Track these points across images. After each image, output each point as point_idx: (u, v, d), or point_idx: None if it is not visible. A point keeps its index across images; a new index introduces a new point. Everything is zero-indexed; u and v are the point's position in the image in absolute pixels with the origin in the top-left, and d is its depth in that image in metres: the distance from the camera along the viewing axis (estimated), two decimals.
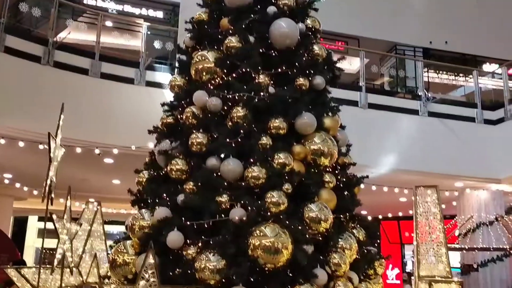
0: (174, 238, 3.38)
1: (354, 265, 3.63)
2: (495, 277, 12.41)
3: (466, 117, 12.63)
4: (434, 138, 11.85)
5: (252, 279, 3.19)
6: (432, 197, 3.69)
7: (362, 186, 4.40)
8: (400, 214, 17.72)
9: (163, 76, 9.55)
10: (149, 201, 3.88)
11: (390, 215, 18.32)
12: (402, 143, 11.50)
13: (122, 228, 16.81)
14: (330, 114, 4.17)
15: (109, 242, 4.33)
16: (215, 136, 3.77)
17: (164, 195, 3.74)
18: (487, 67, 17.87)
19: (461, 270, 13.36)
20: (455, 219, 13.55)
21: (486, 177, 12.21)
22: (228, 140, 3.69)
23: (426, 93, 12.41)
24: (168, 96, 4.48)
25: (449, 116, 12.36)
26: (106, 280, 3.87)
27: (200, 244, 3.41)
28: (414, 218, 3.70)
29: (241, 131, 3.69)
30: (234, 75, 3.94)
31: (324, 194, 3.69)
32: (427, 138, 11.83)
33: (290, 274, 3.33)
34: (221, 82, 4.00)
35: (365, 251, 3.83)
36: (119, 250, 3.66)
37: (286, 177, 3.56)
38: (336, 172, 4.08)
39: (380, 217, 18.48)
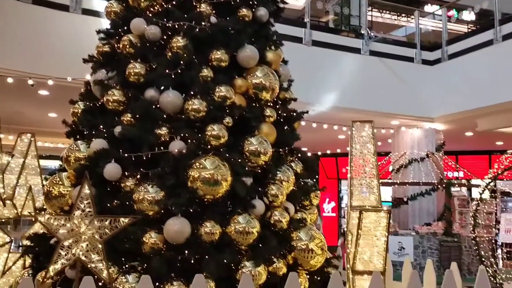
0: (112, 169, 3.33)
1: (291, 196, 3.74)
2: (423, 209, 13.30)
3: (406, 57, 12.94)
4: (374, 77, 12.13)
5: (191, 210, 3.23)
6: (368, 132, 3.81)
7: (303, 123, 4.46)
8: (339, 150, 18.33)
9: (100, 3, 9.03)
10: (85, 132, 3.76)
11: (328, 151, 18.93)
12: (343, 81, 11.70)
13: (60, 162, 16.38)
14: (273, 48, 4.11)
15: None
16: (154, 66, 3.64)
17: (101, 126, 3.63)
18: (428, 8, 18.18)
19: (392, 203, 14.20)
20: (389, 155, 14.20)
21: (420, 116, 12.77)
22: (167, 71, 3.58)
23: (369, 32, 12.53)
24: (105, 25, 4.24)
25: (389, 55, 12.61)
26: (42, 213, 3.79)
27: (138, 176, 3.38)
28: (350, 152, 3.82)
29: (181, 62, 3.59)
30: (174, 2, 3.78)
31: (264, 128, 3.72)
32: (368, 76, 12.08)
33: (229, 205, 3.41)
34: (160, 9, 3.83)
35: (302, 183, 3.95)
36: (55, 182, 3.57)
37: (227, 111, 3.54)
38: (277, 106, 4.10)
39: (319, 153, 19.05)
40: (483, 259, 10.22)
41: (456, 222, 12.72)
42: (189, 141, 3.37)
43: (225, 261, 3.13)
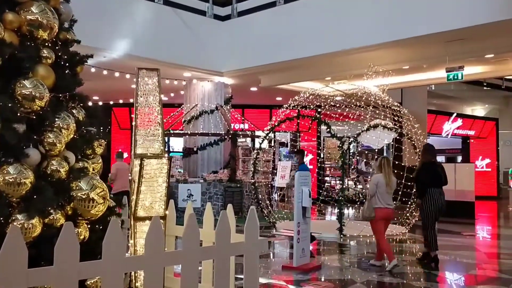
0: None
1: (71, 145, 3.54)
2: (211, 158, 14.08)
3: (199, 10, 13.16)
4: (167, 27, 12.09)
5: None
6: (153, 80, 3.80)
7: (92, 69, 4.24)
8: (132, 100, 17.97)
9: None
10: None
11: (121, 101, 18.43)
12: (136, 28, 11.39)
13: None
14: None
15: None
16: None
17: None
18: None
19: (183, 153, 14.67)
20: (181, 107, 14.52)
21: (211, 69, 13.28)
22: None
23: None
24: None
25: (183, 7, 12.66)
26: None
27: None
28: (135, 100, 3.77)
29: None
30: None
31: (40, 70, 3.40)
32: (161, 26, 11.99)
33: (0, 154, 3.07)
34: None
35: (84, 131, 3.77)
36: None
37: None
38: (57, 48, 3.77)
39: (111, 103, 18.41)
40: (260, 201, 11.39)
41: (239, 170, 13.83)
42: None
43: None
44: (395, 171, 8.83)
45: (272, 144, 14.67)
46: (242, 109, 18.58)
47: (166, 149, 3.74)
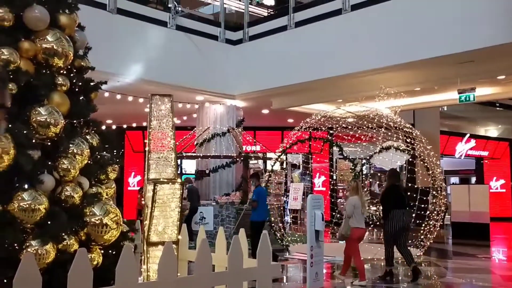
0: None
1: (85, 170, 3.58)
2: (223, 180, 14.08)
3: (211, 34, 13.35)
4: (179, 52, 12.25)
5: None
6: (167, 106, 3.84)
7: (106, 94, 4.31)
8: (145, 124, 18.12)
9: None
10: None
11: (134, 124, 18.60)
12: (149, 53, 11.56)
13: None
14: (67, 11, 3.83)
15: None
16: None
17: None
18: None
19: (195, 175, 14.70)
20: (194, 129, 14.62)
21: (223, 93, 13.39)
22: None
23: (176, 5, 12.55)
24: None
25: (195, 32, 12.85)
26: None
27: None
28: (148, 125, 3.82)
29: None
30: None
31: (55, 97, 3.46)
32: (174, 51, 12.16)
33: (14, 181, 3.11)
34: None
35: (98, 156, 3.81)
36: None
37: (11, 76, 3.19)
38: (72, 75, 3.84)
39: (125, 126, 18.59)
40: (273, 224, 11.32)
41: (251, 192, 13.77)
42: None
43: (6, 241, 2.86)
44: (409, 194, 8.77)
45: (284, 166, 14.64)
46: (254, 131, 18.64)
47: (178, 173, 3.76)
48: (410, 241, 9.63)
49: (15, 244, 2.95)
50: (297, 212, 15.40)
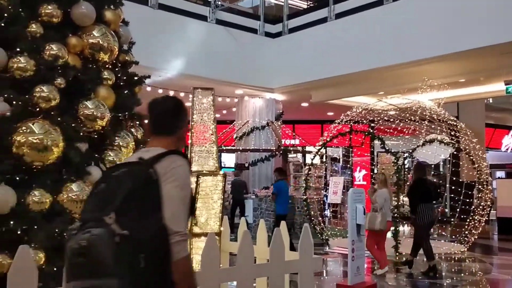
0: None
1: None
2: (262, 174, 14.11)
3: (250, 28, 13.35)
4: (219, 46, 12.30)
5: (17, 178, 2.98)
6: (208, 99, 3.88)
7: (148, 89, 4.38)
8: None
9: None
10: None
11: None
12: (189, 48, 11.66)
13: None
14: (112, 7, 3.91)
15: None
16: None
17: None
18: None
19: (235, 169, 14.78)
20: (233, 123, 14.69)
21: (262, 86, 13.37)
22: None
23: (216, 0, 12.61)
24: None
25: (235, 25, 12.87)
26: None
27: None
28: (191, 118, 3.86)
29: (5, 14, 3.22)
30: None
31: (101, 91, 3.55)
32: (213, 45, 12.21)
33: (63, 172, 3.21)
34: None
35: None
36: None
37: (59, 71, 3.29)
38: (117, 69, 3.93)
39: None
40: (313, 218, 11.27)
41: (291, 186, 13.75)
42: (14, 102, 3.07)
43: (56, 230, 2.97)
44: (453, 187, 8.57)
45: (324, 160, 14.52)
46: (293, 125, 18.55)
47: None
48: (454, 237, 9.42)
49: (65, 234, 3.05)
50: (337, 206, 15.25)
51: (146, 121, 4.13)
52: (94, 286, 1.64)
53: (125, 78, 4.01)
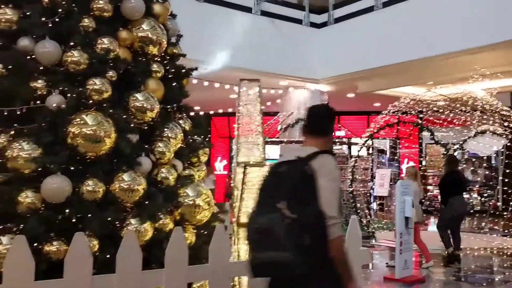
0: None
1: (179, 153, 3.73)
2: None
3: (295, 18, 13.24)
4: (264, 37, 12.28)
5: (72, 168, 3.09)
6: (255, 91, 3.89)
7: (194, 81, 4.45)
8: (230, 110, 18.45)
9: None
10: None
11: (221, 111, 19.01)
12: (234, 40, 11.69)
13: None
14: (160, 0, 3.97)
15: None
16: (28, 14, 3.34)
17: None
18: None
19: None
20: (278, 115, 14.67)
21: (307, 77, 13.26)
22: (44, 19, 3.31)
23: None
24: None
25: (279, 16, 12.81)
26: None
27: (12, 132, 3.14)
28: (237, 109, 3.88)
29: (59, 10, 3.33)
30: None
31: (151, 84, 3.62)
32: (258, 37, 12.20)
33: (114, 163, 3.31)
34: None
35: (190, 140, 3.95)
36: None
37: (111, 64, 3.38)
38: (165, 62, 3.99)
39: (211, 112, 19.07)
40: (359, 210, 11.14)
41: None
42: (68, 95, 3.18)
43: (109, 219, 3.06)
44: (506, 180, 8.32)
45: (371, 152, 14.29)
46: (338, 116, 18.31)
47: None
48: (506, 231, 9.15)
49: (117, 222, 3.14)
50: (383, 199, 15.00)
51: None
52: (272, 257, 2.10)
53: (173, 70, 4.07)
